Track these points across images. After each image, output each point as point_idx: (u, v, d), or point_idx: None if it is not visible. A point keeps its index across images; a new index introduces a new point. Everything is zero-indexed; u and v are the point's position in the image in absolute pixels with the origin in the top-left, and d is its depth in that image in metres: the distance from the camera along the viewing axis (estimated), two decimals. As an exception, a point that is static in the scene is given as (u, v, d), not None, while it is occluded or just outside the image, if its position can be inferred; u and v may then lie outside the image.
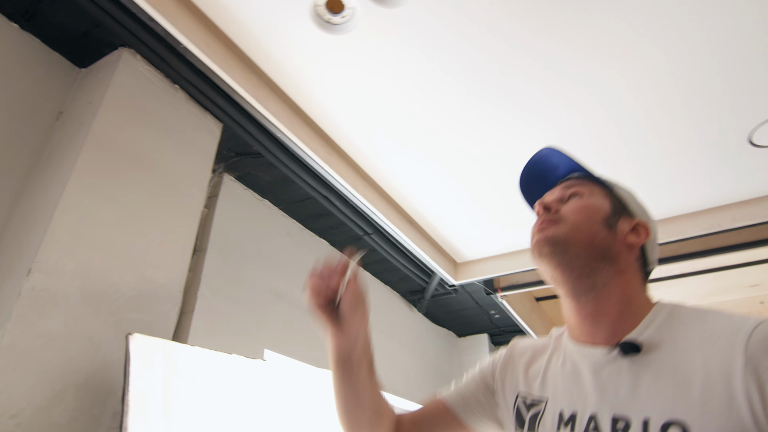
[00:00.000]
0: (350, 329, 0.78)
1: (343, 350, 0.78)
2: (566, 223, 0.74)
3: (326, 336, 0.80)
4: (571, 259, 0.72)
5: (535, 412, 0.73)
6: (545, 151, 0.86)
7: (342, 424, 0.82)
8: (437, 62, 1.13)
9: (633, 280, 0.73)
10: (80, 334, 1.19)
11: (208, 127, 1.73)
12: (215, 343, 1.70)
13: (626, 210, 0.79)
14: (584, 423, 0.64)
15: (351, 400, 0.80)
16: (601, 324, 0.71)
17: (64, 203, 1.24)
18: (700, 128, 1.24)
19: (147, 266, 1.40)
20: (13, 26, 1.41)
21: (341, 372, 0.79)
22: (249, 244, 2.02)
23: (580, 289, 0.72)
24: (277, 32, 1.07)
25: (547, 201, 0.79)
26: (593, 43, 1.05)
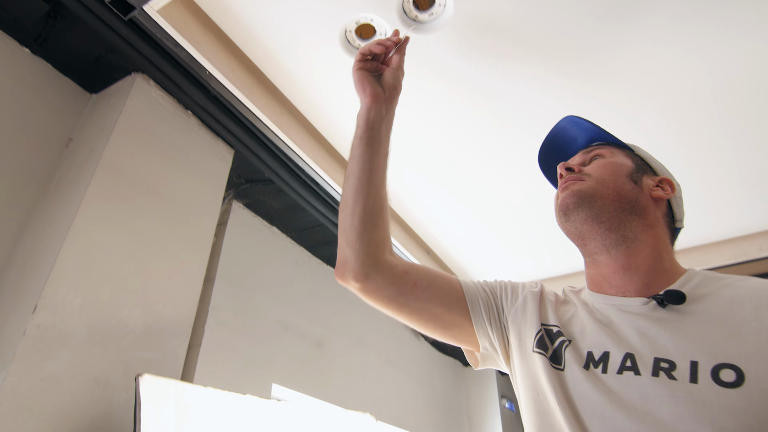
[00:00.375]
0: (385, 98, 0.81)
1: (374, 117, 0.80)
2: (592, 178, 0.75)
3: (360, 103, 0.82)
4: (599, 211, 0.72)
5: (562, 340, 0.69)
6: (564, 122, 0.87)
7: (344, 207, 0.78)
8: (461, 94, 1.10)
9: (662, 236, 0.74)
10: (86, 375, 1.12)
11: (220, 153, 1.68)
12: (222, 378, 1.62)
13: (650, 168, 0.80)
14: (618, 361, 0.61)
15: (362, 177, 0.77)
16: (633, 276, 0.70)
17: (74, 234, 1.18)
18: (731, 155, 1.22)
19: (156, 300, 1.33)
20: (24, 51, 1.37)
21: (364, 141, 0.79)
22: (257, 273, 1.96)
23: (610, 242, 0.71)
24: (303, 58, 1.03)
25: (570, 163, 0.80)
26: (628, 71, 1.02)
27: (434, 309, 0.77)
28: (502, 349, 0.78)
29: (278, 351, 1.94)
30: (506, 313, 0.79)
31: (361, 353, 2.44)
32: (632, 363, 0.60)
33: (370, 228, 0.76)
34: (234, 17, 0.95)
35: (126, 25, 1.27)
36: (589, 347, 0.65)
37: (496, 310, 0.79)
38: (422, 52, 0.99)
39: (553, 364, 0.67)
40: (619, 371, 0.60)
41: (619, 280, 0.71)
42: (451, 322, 0.78)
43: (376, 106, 0.80)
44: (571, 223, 0.74)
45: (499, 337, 0.78)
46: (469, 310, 0.78)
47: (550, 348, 0.69)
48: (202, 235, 1.55)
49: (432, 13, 0.92)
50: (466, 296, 0.79)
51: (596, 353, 0.64)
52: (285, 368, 1.94)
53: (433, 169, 1.37)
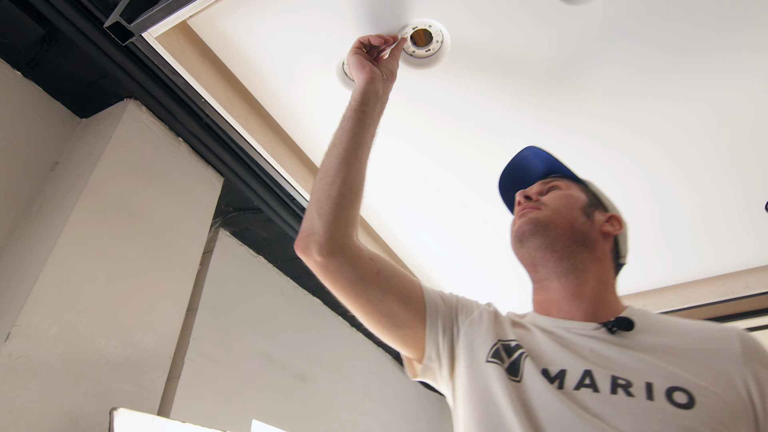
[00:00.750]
0: (382, 79, 0.83)
1: (370, 92, 0.81)
2: (548, 208, 0.79)
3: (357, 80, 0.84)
4: (552, 240, 0.75)
5: (521, 352, 0.69)
6: (526, 152, 0.93)
7: (324, 176, 0.77)
8: (462, 125, 1.12)
9: (608, 269, 0.78)
10: (58, 408, 1.06)
11: (210, 180, 1.67)
12: (201, 412, 1.56)
13: (601, 204, 0.85)
14: (577, 376, 0.63)
15: (349, 149, 0.77)
16: (582, 303, 0.73)
17: (54, 259, 1.14)
18: (720, 193, 1.25)
19: (136, 330, 1.28)
20: (15, 74, 1.36)
21: (357, 114, 0.80)
22: (241, 304, 1.92)
23: (560, 270, 0.75)
24: (299, 88, 1.04)
25: (528, 192, 0.84)
26: (619, 111, 1.05)
27: (391, 303, 0.74)
28: (448, 360, 0.76)
29: (260, 385, 1.88)
30: (460, 325, 0.78)
31: (345, 388, 2.38)
32: (591, 380, 0.62)
33: (347, 203, 0.74)
34: (231, 46, 0.96)
35: (121, 51, 1.28)
36: (545, 365, 0.67)
37: (451, 320, 0.79)
38: (414, 81, 1.01)
39: (509, 375, 0.67)
40: (576, 387, 0.62)
41: (568, 306, 0.74)
42: (405, 321, 0.75)
43: (373, 82, 0.82)
44: (525, 250, 0.78)
45: (448, 347, 0.77)
46: (425, 313, 0.77)
47: (507, 360, 0.69)
48: (187, 263, 1.52)
49: (429, 49, 0.94)
50: (425, 299, 0.78)
51: (552, 371, 0.65)
52: (266, 403, 1.88)
53: (421, 198, 1.37)
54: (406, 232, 1.51)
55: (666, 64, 0.97)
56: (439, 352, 0.76)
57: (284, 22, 0.92)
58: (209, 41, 0.95)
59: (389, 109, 1.01)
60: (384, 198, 1.38)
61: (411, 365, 0.82)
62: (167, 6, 0.80)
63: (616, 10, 0.88)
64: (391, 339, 0.77)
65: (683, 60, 0.96)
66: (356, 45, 0.87)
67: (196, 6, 0.80)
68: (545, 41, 0.94)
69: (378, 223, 1.48)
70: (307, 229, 0.73)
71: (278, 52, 0.97)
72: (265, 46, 0.96)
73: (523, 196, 0.83)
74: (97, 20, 1.22)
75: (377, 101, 0.82)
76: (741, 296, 1.52)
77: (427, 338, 0.76)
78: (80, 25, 1.21)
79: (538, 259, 0.77)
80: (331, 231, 0.71)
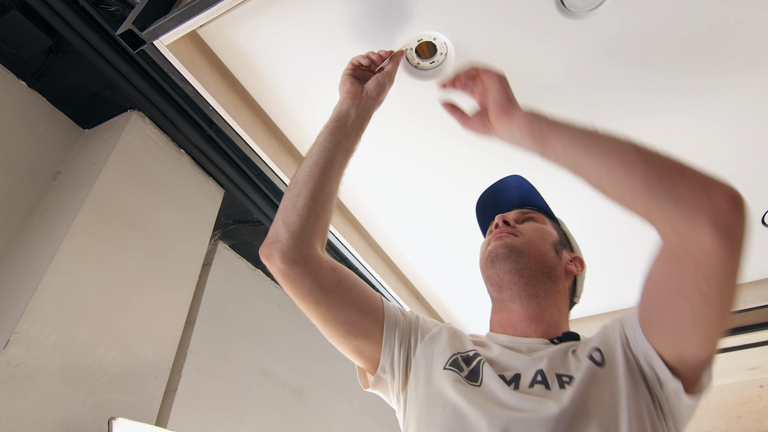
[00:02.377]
0: (361, 97, 0.84)
1: (344, 111, 0.83)
2: (523, 237, 0.84)
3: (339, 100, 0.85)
4: (522, 267, 0.81)
5: (480, 359, 0.74)
6: (510, 180, 0.99)
7: (292, 187, 0.78)
8: (466, 138, 1.14)
9: (565, 302, 0.86)
10: (55, 416, 1.04)
11: (211, 192, 1.68)
12: (197, 426, 1.54)
13: (569, 243, 0.93)
14: (530, 376, 0.69)
15: (318, 162, 0.78)
16: (538, 326, 0.80)
17: (54, 268, 1.14)
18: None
19: (135, 340, 1.27)
20: (20, 84, 1.38)
21: (329, 129, 0.81)
22: (239, 317, 1.90)
23: (524, 294, 0.81)
24: (306, 98, 1.06)
25: (507, 217, 0.89)
26: (618, 126, 1.07)
27: (350, 313, 0.76)
28: (402, 373, 0.78)
29: (256, 399, 1.86)
30: (418, 339, 0.81)
31: (343, 405, 2.35)
32: (542, 378, 0.69)
33: (312, 216, 0.75)
34: (240, 56, 0.98)
35: (127, 62, 1.30)
36: (501, 371, 0.72)
37: (409, 333, 0.81)
38: (417, 92, 1.03)
39: (469, 381, 0.70)
40: (530, 385, 0.68)
41: (525, 327, 0.80)
42: (362, 330, 0.77)
43: (349, 100, 0.84)
44: (494, 271, 0.83)
45: (404, 360, 0.79)
46: (383, 324, 0.79)
47: (466, 369, 0.73)
48: (187, 275, 1.51)
49: (433, 61, 0.96)
50: (384, 311, 0.80)
51: (508, 375, 0.71)
52: (262, 418, 1.85)
53: (429, 213, 1.38)
54: (414, 250, 1.52)
55: (665, 80, 1.00)
56: (393, 364, 0.79)
57: (294, 35, 0.94)
58: (218, 51, 0.97)
59: (394, 120, 1.03)
60: (387, 212, 1.39)
61: (363, 376, 0.84)
62: (179, 15, 0.82)
63: (618, 26, 0.91)
64: (347, 348, 0.79)
65: (682, 76, 0.99)
66: (348, 67, 0.89)
67: (207, 15, 0.82)
68: (547, 57, 0.97)
69: (385, 240, 1.49)
70: (272, 236, 0.75)
71: (287, 64, 0.99)
72: (274, 58, 0.98)
73: (502, 220, 0.89)
74: (104, 32, 1.24)
75: (351, 118, 0.83)
76: (739, 310, 1.53)
77: (383, 349, 0.78)
78: (87, 36, 1.23)
79: (505, 282, 0.82)
80: (295, 241, 0.73)
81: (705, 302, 0.56)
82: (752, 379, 2.53)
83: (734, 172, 1.17)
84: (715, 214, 0.52)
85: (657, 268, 0.61)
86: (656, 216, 0.56)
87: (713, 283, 0.54)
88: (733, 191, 0.53)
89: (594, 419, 0.61)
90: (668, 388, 0.64)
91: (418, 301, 1.68)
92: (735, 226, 0.52)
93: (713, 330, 0.58)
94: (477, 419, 0.64)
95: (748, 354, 2.19)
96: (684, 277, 0.56)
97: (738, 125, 1.07)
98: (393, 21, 0.92)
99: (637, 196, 0.57)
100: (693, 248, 0.54)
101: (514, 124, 0.72)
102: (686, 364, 0.62)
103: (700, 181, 0.55)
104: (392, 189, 1.30)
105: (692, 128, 1.08)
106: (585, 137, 0.64)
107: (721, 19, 0.88)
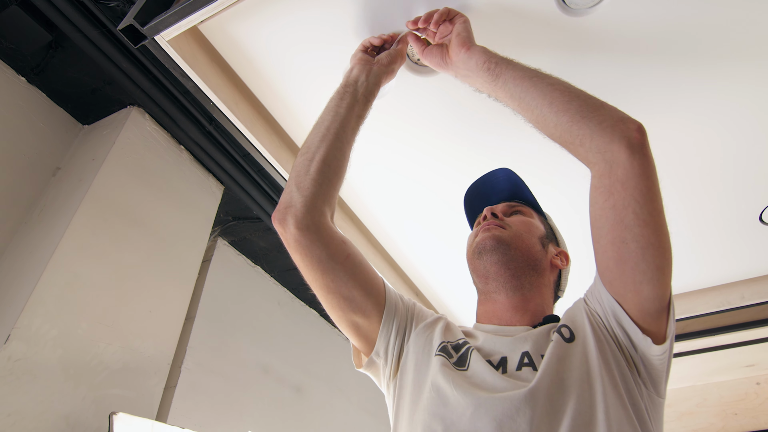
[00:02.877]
0: (371, 65, 0.86)
1: (355, 76, 0.85)
2: (511, 230, 0.86)
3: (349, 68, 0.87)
4: (509, 259, 0.82)
5: (468, 347, 0.76)
6: (500, 173, 1.00)
7: (305, 152, 0.79)
8: (466, 132, 1.14)
9: (550, 295, 0.87)
10: (56, 411, 1.05)
11: (210, 189, 1.68)
12: (196, 421, 1.54)
13: (555, 238, 0.95)
14: (517, 359, 0.71)
15: (331, 127, 0.79)
16: (523, 316, 0.81)
17: (55, 263, 1.14)
18: (715, 205, 1.27)
19: (135, 336, 1.27)
20: (20, 79, 1.37)
21: (340, 94, 0.83)
22: (238, 313, 1.91)
23: (510, 286, 0.82)
24: (307, 94, 1.06)
25: (495, 209, 0.91)
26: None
27: (354, 289, 0.76)
28: (394, 360, 0.80)
29: (255, 395, 1.86)
30: (414, 327, 0.83)
31: (341, 401, 2.36)
32: (529, 360, 0.71)
33: (326, 181, 0.75)
34: (241, 52, 0.98)
35: (127, 58, 1.30)
36: (488, 356, 0.74)
37: (406, 321, 0.83)
38: (417, 87, 1.04)
39: (457, 367, 0.73)
40: (518, 368, 0.70)
41: (510, 317, 0.82)
42: (363, 308, 0.78)
43: (359, 66, 0.86)
44: (481, 262, 0.84)
45: (398, 347, 0.80)
46: (384, 308, 0.80)
47: (455, 355, 0.75)
48: (187, 271, 1.51)
49: (428, 64, 0.96)
50: (386, 296, 0.81)
51: (495, 360, 0.73)
52: (261, 414, 1.85)
53: (427, 209, 1.38)
54: (413, 246, 1.52)
55: (664, 78, 1.00)
56: (388, 350, 0.80)
57: (295, 31, 0.95)
58: (219, 47, 0.97)
59: (394, 116, 1.03)
60: (387, 208, 1.39)
61: (358, 356, 0.85)
62: (180, 10, 0.82)
63: (618, 22, 0.91)
64: (345, 323, 0.80)
65: (681, 74, 0.99)
66: (359, 48, 0.91)
67: (209, 11, 0.82)
68: (547, 54, 0.97)
69: (384, 236, 1.49)
70: (286, 201, 0.75)
71: (288, 60, 0.99)
72: (274, 54, 0.98)
73: (490, 212, 0.90)
74: (104, 27, 1.24)
75: (362, 84, 0.84)
76: (737, 307, 1.53)
77: (380, 333, 0.80)
78: (87, 31, 1.23)
79: (491, 273, 0.83)
80: (308, 206, 0.73)
81: (641, 223, 0.64)
82: (749, 376, 2.54)
83: (732, 170, 1.18)
84: (628, 136, 0.64)
85: (596, 210, 0.68)
86: (585, 139, 0.67)
87: (641, 201, 0.64)
88: (638, 122, 0.66)
89: (572, 392, 0.64)
90: (640, 346, 0.68)
91: (417, 297, 1.68)
92: (644, 147, 0.65)
93: (659, 256, 0.64)
94: (457, 401, 0.66)
95: (745, 351, 2.20)
96: (618, 205, 0.65)
97: (737, 123, 1.08)
98: (394, 18, 0.92)
99: (573, 122, 0.68)
100: (618, 171, 0.64)
101: (472, 58, 0.79)
102: (649, 312, 0.67)
103: (618, 113, 0.68)
104: (392, 186, 1.30)
105: (691, 125, 1.09)
106: (532, 73, 0.75)
107: (719, 18, 0.89)
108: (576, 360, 0.68)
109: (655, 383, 0.70)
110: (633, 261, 0.65)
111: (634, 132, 0.65)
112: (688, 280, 1.55)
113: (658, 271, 0.65)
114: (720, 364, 2.36)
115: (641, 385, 0.69)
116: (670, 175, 1.20)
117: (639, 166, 0.63)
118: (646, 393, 0.69)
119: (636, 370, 0.70)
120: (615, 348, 0.70)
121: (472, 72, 0.80)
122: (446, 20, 0.85)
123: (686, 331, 1.80)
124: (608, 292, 0.71)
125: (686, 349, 2.27)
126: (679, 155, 1.16)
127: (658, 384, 0.70)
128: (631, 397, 0.67)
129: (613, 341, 0.71)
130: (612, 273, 0.69)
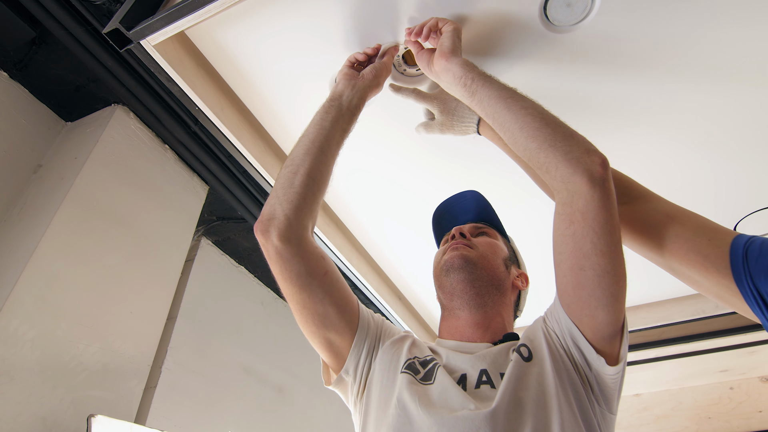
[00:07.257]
0: (356, 79, 0.87)
1: (340, 90, 0.86)
2: (478, 250, 0.91)
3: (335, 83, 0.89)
4: (474, 278, 0.87)
5: (435, 363, 0.78)
6: (468, 194, 1.06)
7: (289, 164, 0.79)
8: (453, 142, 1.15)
9: (510, 314, 0.92)
10: (33, 413, 1.04)
11: (194, 188, 1.67)
12: (176, 423, 1.53)
13: (517, 260, 1.00)
14: (476, 376, 0.75)
15: (316, 140, 0.80)
16: (485, 332, 0.85)
17: (34, 263, 1.13)
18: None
19: (115, 337, 1.27)
20: (1, 75, 1.35)
21: (325, 108, 0.84)
22: (220, 314, 1.90)
23: (473, 303, 0.86)
24: (294, 101, 1.07)
25: (464, 230, 0.95)
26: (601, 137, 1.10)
27: (329, 306, 0.77)
28: (363, 378, 0.82)
29: (237, 396, 1.86)
30: (382, 342, 0.85)
31: (323, 402, 2.36)
32: (487, 378, 0.74)
33: (309, 194, 0.77)
34: (228, 58, 0.98)
35: (112, 56, 1.28)
36: (450, 373, 0.76)
37: (376, 338, 0.85)
38: (405, 101, 1.05)
39: (423, 382, 0.75)
40: (477, 386, 0.73)
41: (471, 333, 0.86)
42: (336, 326, 0.79)
43: (344, 81, 0.88)
44: (448, 279, 0.88)
45: (366, 368, 0.82)
46: (357, 327, 0.82)
47: (422, 371, 0.77)
48: (169, 270, 1.51)
49: (419, 68, 0.97)
50: (360, 316, 0.83)
51: (455, 377, 0.75)
52: (243, 415, 1.85)
53: (410, 213, 1.39)
54: (397, 251, 1.53)
55: (645, 94, 1.02)
56: (357, 368, 0.82)
57: (282, 39, 0.95)
58: (206, 52, 0.97)
59: (380, 124, 1.04)
60: (371, 214, 1.40)
61: (327, 372, 0.87)
62: (168, 15, 0.81)
63: (600, 41, 0.93)
64: (318, 339, 0.81)
65: (661, 92, 1.02)
66: (345, 64, 0.93)
67: (196, 17, 0.82)
68: (531, 70, 0.99)
69: (368, 242, 1.50)
70: (269, 213, 0.76)
71: (275, 66, 1.00)
72: (262, 60, 0.98)
73: (459, 232, 0.95)
74: (89, 25, 1.23)
75: (347, 98, 0.85)
76: (712, 315, 1.58)
77: (351, 351, 0.82)
78: (72, 29, 1.21)
79: (457, 290, 0.87)
80: (291, 219, 0.74)
81: (598, 252, 0.66)
82: (723, 381, 2.61)
83: (709, 183, 1.21)
84: (591, 169, 0.66)
85: (558, 236, 0.71)
86: (551, 167, 0.69)
87: (599, 231, 0.66)
88: (603, 156, 0.68)
89: (528, 412, 0.67)
90: (594, 365, 0.71)
91: (400, 301, 1.70)
92: (605, 181, 0.67)
93: (614, 284, 0.67)
94: (422, 420, 0.68)
95: (719, 357, 2.27)
96: (577, 233, 0.67)
97: (715, 139, 1.11)
98: (381, 27, 0.93)
99: (541, 149, 0.70)
100: (579, 201, 0.67)
101: (450, 71, 0.81)
102: (603, 335, 0.70)
103: (585, 144, 0.70)
104: (376, 192, 1.32)
105: (671, 142, 1.12)
106: (508, 95, 0.76)
107: (701, 35, 0.91)
108: (533, 379, 0.71)
109: (608, 400, 0.73)
110: (589, 287, 0.68)
111: (598, 166, 0.67)
112: (666, 290, 1.60)
113: (613, 298, 0.67)
114: (695, 369, 2.42)
115: (594, 402, 0.72)
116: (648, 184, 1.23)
117: (599, 199, 0.66)
118: (599, 410, 0.72)
119: (590, 388, 0.73)
120: (570, 366, 0.73)
121: (450, 84, 0.83)
122: (436, 31, 0.86)
123: (663, 338, 1.84)
124: (566, 313, 0.73)
125: (663, 354, 2.32)
126: (656, 166, 1.18)
127: (611, 401, 0.73)
128: (584, 414, 0.70)
129: (568, 359, 0.74)
130: (570, 297, 0.72)
